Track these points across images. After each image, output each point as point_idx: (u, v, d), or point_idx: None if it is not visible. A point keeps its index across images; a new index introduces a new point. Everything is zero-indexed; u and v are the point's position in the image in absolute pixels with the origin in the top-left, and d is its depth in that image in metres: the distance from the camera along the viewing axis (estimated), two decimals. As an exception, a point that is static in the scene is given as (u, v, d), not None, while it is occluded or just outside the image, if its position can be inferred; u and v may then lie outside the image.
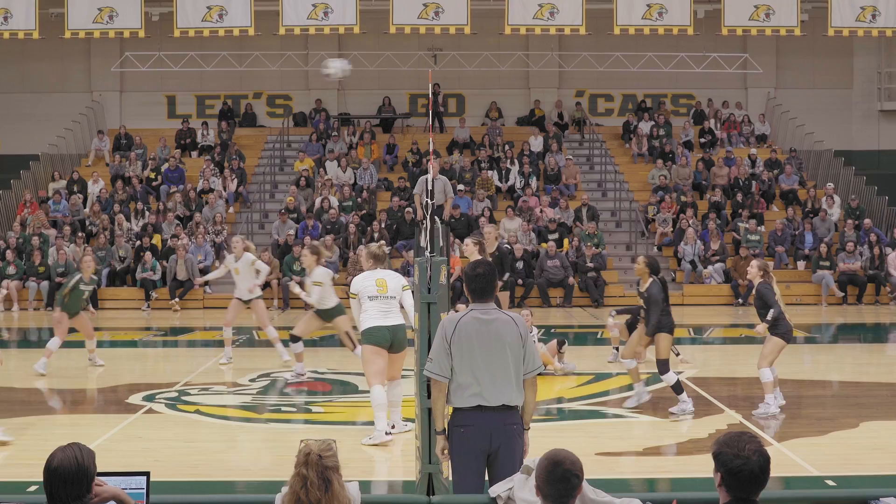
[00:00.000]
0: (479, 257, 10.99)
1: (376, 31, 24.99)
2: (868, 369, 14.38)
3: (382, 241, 13.36)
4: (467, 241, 12.06)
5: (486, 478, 6.17)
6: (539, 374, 6.34)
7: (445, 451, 6.27)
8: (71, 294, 14.46)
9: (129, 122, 30.89)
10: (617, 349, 14.49)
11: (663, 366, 11.33)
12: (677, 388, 11.34)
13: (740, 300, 23.68)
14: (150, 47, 27.20)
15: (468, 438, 6.15)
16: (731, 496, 4.28)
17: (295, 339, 13.71)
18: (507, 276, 14.66)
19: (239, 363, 15.25)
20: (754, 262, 11.68)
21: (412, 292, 9.43)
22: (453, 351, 6.14)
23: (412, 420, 7.54)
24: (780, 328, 11.31)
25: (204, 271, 23.86)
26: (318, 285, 13.18)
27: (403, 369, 10.55)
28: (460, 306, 10.13)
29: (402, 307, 10.27)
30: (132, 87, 31.31)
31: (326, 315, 13.36)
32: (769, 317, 11.24)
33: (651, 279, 11.21)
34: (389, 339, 10.01)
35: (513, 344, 6.17)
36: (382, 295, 10.10)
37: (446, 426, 6.27)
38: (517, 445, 6.18)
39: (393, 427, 10.36)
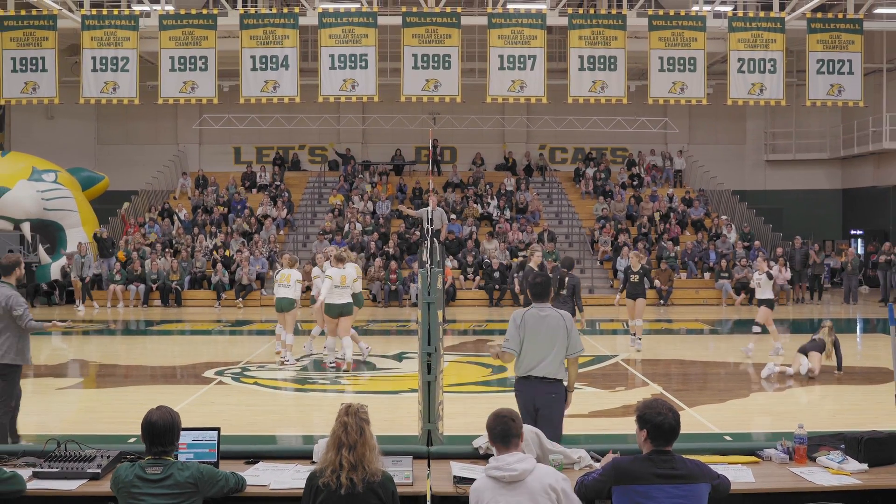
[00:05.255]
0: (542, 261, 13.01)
1: (391, 99, 25.05)
2: (756, 354, 14.40)
3: (346, 248, 14.91)
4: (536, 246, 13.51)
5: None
6: None
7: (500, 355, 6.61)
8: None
9: (206, 166, 30.93)
10: None
11: None
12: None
13: (662, 301, 23.70)
14: (222, 111, 27.30)
15: (520, 397, 6.51)
16: (654, 447, 4.32)
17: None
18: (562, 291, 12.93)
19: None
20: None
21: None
22: (519, 334, 6.44)
23: (416, 391, 7.53)
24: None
25: (259, 277, 23.99)
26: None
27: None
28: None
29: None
30: (208, 141, 31.35)
31: None
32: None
33: None
34: (337, 313, 12.54)
35: (559, 333, 6.43)
36: (342, 286, 12.51)
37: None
38: (555, 407, 6.44)
39: (343, 358, 12.77)
